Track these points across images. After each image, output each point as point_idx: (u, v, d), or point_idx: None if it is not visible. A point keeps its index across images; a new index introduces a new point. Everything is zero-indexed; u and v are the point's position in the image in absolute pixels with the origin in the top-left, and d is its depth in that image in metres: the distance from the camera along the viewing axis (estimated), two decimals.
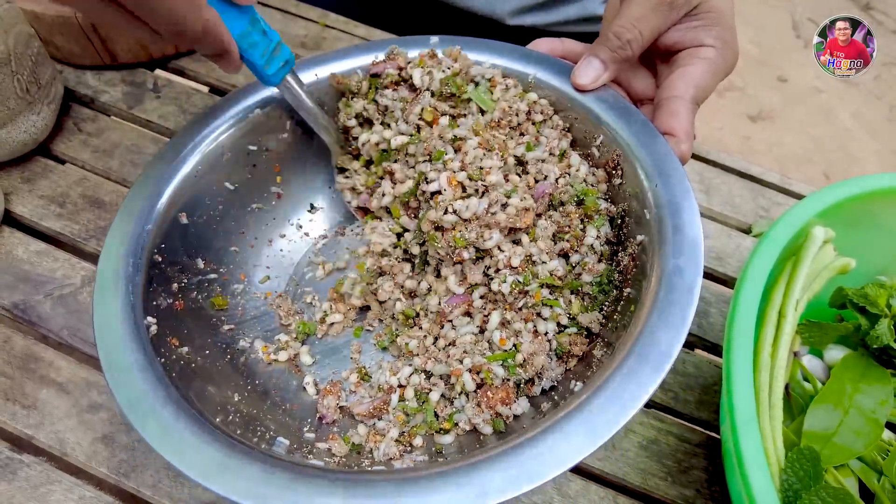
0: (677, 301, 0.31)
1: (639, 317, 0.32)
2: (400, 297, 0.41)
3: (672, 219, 0.35)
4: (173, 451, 0.28)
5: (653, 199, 0.36)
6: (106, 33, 0.55)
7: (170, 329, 0.35)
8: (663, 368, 0.29)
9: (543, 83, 0.43)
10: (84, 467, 0.38)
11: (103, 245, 0.35)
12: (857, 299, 0.43)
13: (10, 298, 0.44)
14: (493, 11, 0.64)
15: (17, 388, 0.40)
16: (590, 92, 0.42)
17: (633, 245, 0.37)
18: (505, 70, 0.44)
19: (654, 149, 0.38)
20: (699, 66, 0.41)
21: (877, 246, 0.47)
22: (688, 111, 0.40)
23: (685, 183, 0.36)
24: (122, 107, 0.56)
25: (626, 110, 0.40)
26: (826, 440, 0.38)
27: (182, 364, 0.33)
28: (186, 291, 0.38)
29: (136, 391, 0.30)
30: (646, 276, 0.34)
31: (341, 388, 0.39)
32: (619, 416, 0.28)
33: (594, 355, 0.36)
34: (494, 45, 0.45)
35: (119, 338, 0.31)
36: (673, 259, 0.33)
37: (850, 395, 0.40)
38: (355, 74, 0.45)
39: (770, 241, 0.38)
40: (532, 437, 0.28)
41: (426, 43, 0.45)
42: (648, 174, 0.37)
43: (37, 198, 0.49)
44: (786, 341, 0.39)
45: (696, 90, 0.40)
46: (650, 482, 0.40)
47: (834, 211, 0.43)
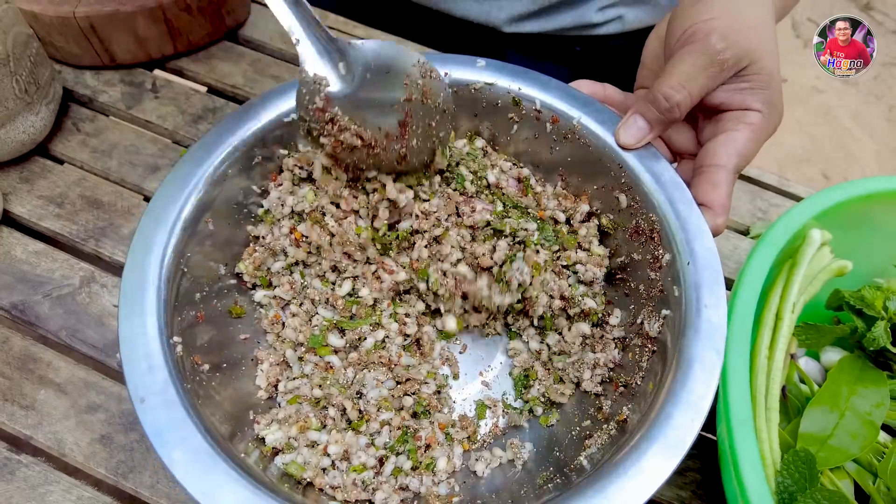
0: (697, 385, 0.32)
1: (658, 397, 0.33)
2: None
3: (698, 302, 0.35)
4: (202, 490, 0.27)
5: (683, 277, 0.36)
6: (105, 34, 0.55)
7: (192, 346, 0.34)
8: (679, 455, 0.30)
9: (587, 129, 0.42)
10: (82, 468, 0.38)
11: (129, 252, 0.34)
12: (853, 302, 0.43)
13: (9, 299, 0.44)
14: (489, 20, 0.64)
15: (15, 389, 0.40)
16: (637, 154, 0.41)
17: (657, 318, 0.38)
18: (552, 108, 0.43)
19: (690, 222, 0.38)
20: (744, 132, 0.39)
21: (874, 248, 0.47)
22: (728, 183, 0.39)
23: (717, 267, 0.36)
24: (121, 107, 0.56)
25: (660, 173, 0.40)
26: (822, 442, 0.38)
27: (205, 385, 0.33)
28: (208, 301, 0.38)
29: (164, 421, 0.29)
30: (666, 358, 0.35)
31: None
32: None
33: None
34: (542, 79, 0.44)
35: (148, 361, 0.31)
36: (698, 343, 0.33)
37: (847, 398, 0.40)
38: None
39: (767, 244, 0.38)
40: None
41: (473, 64, 0.44)
42: (682, 250, 0.37)
43: (35, 198, 0.49)
44: (782, 344, 0.39)
45: (739, 159, 0.39)
46: None
47: (831, 213, 0.43)
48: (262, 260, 0.41)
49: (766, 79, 0.40)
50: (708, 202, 0.39)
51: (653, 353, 0.37)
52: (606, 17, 0.66)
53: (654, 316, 0.38)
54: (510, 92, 0.43)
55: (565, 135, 0.43)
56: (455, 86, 0.44)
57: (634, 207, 0.40)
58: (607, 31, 0.67)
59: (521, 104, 0.44)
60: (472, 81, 0.44)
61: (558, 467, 0.36)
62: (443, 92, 0.39)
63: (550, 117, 0.43)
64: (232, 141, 0.39)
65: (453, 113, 0.41)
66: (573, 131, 0.42)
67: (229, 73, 0.59)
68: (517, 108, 0.44)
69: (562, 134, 0.43)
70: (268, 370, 0.38)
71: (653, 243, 0.39)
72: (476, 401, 0.41)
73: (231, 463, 0.28)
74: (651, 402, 0.33)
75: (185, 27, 0.58)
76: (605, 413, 0.37)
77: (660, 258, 0.38)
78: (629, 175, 0.40)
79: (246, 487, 0.28)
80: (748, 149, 0.39)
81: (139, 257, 0.34)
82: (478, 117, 0.46)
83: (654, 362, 0.36)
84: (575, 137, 0.43)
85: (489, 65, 0.44)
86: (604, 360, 0.39)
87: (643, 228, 0.40)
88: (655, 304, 0.38)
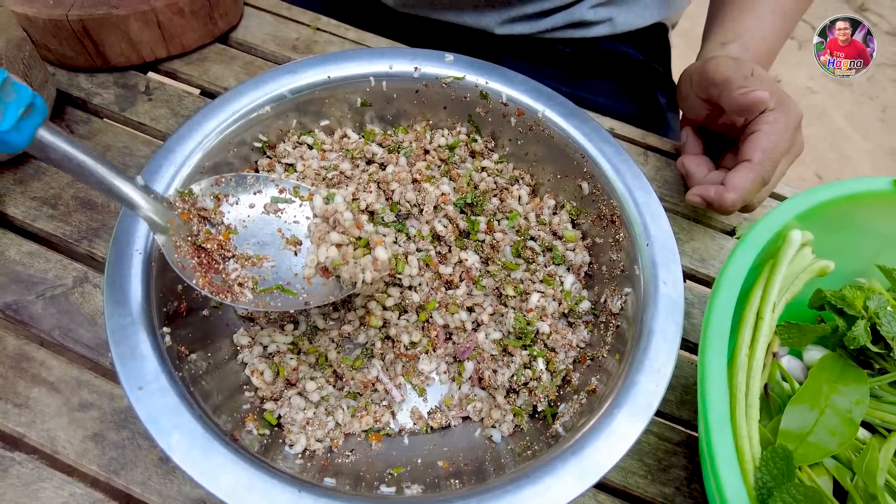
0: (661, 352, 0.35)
1: (623, 367, 0.35)
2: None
3: (656, 279, 0.37)
4: (200, 472, 0.28)
5: (642, 257, 0.39)
6: (98, 36, 0.55)
7: (178, 337, 0.35)
8: (647, 417, 0.33)
9: (551, 121, 0.45)
10: (75, 465, 0.39)
11: (110, 245, 0.36)
12: (835, 301, 0.44)
13: (3, 299, 0.44)
14: (482, 24, 0.65)
15: (9, 387, 0.41)
16: (596, 145, 0.44)
17: (620, 296, 0.40)
18: (518, 102, 0.45)
19: (647, 207, 0.40)
20: (764, 129, 0.45)
21: (856, 248, 0.48)
22: (748, 171, 0.45)
23: (672, 247, 0.39)
24: (115, 109, 0.57)
25: (625, 163, 0.43)
26: (801, 439, 0.39)
27: (196, 374, 0.34)
28: (188, 291, 0.39)
29: (159, 408, 0.30)
30: (628, 331, 0.37)
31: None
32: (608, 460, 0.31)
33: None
34: (508, 74, 0.46)
35: (138, 350, 0.32)
36: (658, 317, 0.36)
37: (827, 396, 0.41)
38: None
39: (747, 245, 0.39)
40: (531, 476, 0.30)
41: (441, 59, 0.46)
42: (640, 233, 0.40)
43: (29, 199, 0.50)
44: (762, 343, 0.39)
45: (763, 153, 0.45)
46: (630, 480, 0.41)
47: (813, 214, 0.44)
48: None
49: (771, 81, 0.47)
50: (726, 182, 0.45)
51: (616, 328, 0.39)
52: (599, 17, 0.67)
53: (617, 294, 0.39)
54: (478, 86, 0.45)
55: (530, 126, 0.45)
56: (425, 80, 0.45)
57: (596, 194, 0.42)
58: (598, 32, 0.68)
59: (488, 97, 0.45)
60: (442, 76, 0.45)
61: (535, 437, 0.37)
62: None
63: (516, 110, 0.45)
64: (204, 132, 0.41)
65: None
66: (537, 123, 0.44)
67: (222, 75, 0.60)
68: (485, 101, 0.45)
69: (527, 126, 0.45)
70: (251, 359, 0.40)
71: (614, 227, 0.41)
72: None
73: (227, 444, 0.29)
74: (618, 372, 0.34)
75: (177, 30, 0.58)
76: (575, 385, 0.38)
77: (620, 240, 0.39)
78: (591, 164, 0.42)
79: (243, 468, 0.29)
80: (770, 142, 0.45)
81: (122, 250, 0.35)
82: (447, 109, 0.47)
83: (618, 336, 0.38)
84: (539, 129, 0.45)
85: (457, 60, 0.46)
86: (576, 341, 0.41)
87: (605, 213, 0.42)
88: (618, 283, 0.40)
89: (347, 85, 0.45)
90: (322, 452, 0.36)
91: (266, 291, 0.37)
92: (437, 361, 0.42)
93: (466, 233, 0.45)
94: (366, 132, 0.48)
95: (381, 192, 0.44)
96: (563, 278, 0.44)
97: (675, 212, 0.55)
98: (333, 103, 0.46)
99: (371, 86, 0.46)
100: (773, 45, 0.56)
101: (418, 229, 0.44)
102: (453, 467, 0.36)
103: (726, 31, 0.55)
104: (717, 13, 0.59)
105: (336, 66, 0.45)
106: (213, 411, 0.32)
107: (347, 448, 0.38)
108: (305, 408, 0.38)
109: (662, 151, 0.58)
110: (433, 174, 0.46)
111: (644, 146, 0.58)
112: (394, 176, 0.44)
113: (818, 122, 1.86)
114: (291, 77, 0.44)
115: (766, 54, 0.56)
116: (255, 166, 0.45)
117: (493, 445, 0.38)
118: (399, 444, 0.39)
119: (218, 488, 0.28)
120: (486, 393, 0.42)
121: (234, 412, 0.35)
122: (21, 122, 0.27)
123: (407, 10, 0.68)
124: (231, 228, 0.38)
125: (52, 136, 0.29)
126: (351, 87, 0.45)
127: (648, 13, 0.70)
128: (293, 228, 0.40)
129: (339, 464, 0.36)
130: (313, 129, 0.47)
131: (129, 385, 0.30)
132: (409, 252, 0.43)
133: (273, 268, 0.38)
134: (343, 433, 0.38)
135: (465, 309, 0.43)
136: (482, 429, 0.40)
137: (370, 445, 0.38)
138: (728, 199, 0.44)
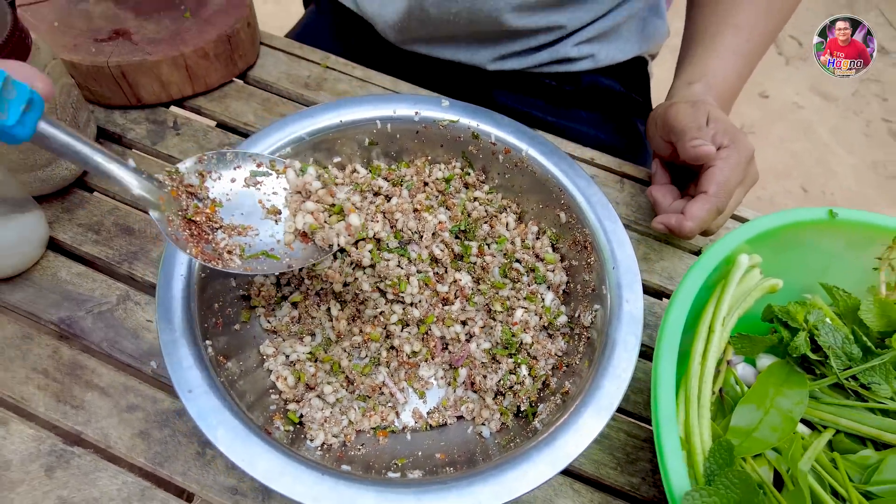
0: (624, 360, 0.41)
1: (591, 372, 0.41)
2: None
3: (620, 298, 0.44)
4: (241, 458, 0.35)
5: (609, 278, 0.45)
6: (133, 79, 0.62)
7: (217, 348, 0.42)
8: (608, 413, 0.39)
9: (533, 159, 0.51)
10: (125, 458, 0.45)
11: (159, 271, 0.42)
12: (781, 315, 0.50)
13: (57, 314, 0.51)
14: (475, 60, 0.72)
15: (66, 392, 0.47)
16: (572, 179, 0.50)
17: (591, 311, 0.46)
18: (505, 142, 0.52)
19: (614, 235, 0.47)
20: (719, 164, 0.52)
21: (804, 266, 0.54)
22: (704, 202, 0.51)
23: (635, 270, 0.45)
24: (147, 143, 0.63)
25: (594, 198, 0.49)
26: (747, 434, 0.45)
27: (232, 379, 0.40)
28: (223, 309, 0.45)
29: (206, 407, 0.36)
30: (597, 341, 0.44)
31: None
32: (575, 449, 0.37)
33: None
34: (496, 117, 0.53)
35: (186, 360, 0.38)
36: (621, 330, 0.42)
37: (772, 398, 0.47)
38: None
39: (699, 267, 0.45)
40: (511, 463, 0.37)
41: (438, 104, 0.52)
42: (608, 257, 0.46)
43: (76, 226, 0.57)
44: (713, 352, 0.46)
45: (717, 186, 0.51)
46: (602, 471, 0.48)
47: (761, 239, 0.50)
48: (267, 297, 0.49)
49: (725, 121, 0.53)
50: (685, 212, 0.51)
51: (587, 339, 0.45)
52: (582, 53, 0.74)
53: (588, 309, 0.46)
54: (470, 128, 0.52)
55: (515, 163, 0.52)
56: (425, 122, 0.52)
57: (572, 223, 0.49)
58: (581, 67, 0.75)
59: (479, 137, 0.52)
60: (439, 119, 0.52)
61: (517, 432, 0.43)
62: None
63: (503, 149, 0.51)
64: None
65: None
66: (522, 160, 0.51)
67: (241, 111, 0.67)
68: (477, 141, 0.52)
69: (513, 162, 0.52)
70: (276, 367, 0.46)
71: (586, 251, 0.48)
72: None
73: (261, 437, 0.36)
74: (587, 376, 0.40)
75: (202, 71, 0.65)
76: (552, 388, 0.45)
77: (592, 263, 0.46)
78: (567, 197, 0.49)
79: (276, 455, 0.35)
80: (724, 176, 0.51)
81: (168, 275, 0.42)
82: (443, 147, 0.54)
83: (589, 346, 0.44)
84: (523, 165, 0.51)
85: (453, 105, 0.52)
86: (554, 351, 0.47)
87: (579, 240, 0.48)
88: (589, 300, 0.47)
89: (357, 127, 0.52)
90: (337, 446, 0.43)
91: (253, 257, 0.41)
92: (435, 368, 0.49)
93: (460, 256, 0.52)
94: (373, 167, 0.55)
95: (386, 220, 0.51)
96: (543, 296, 0.50)
97: (648, 234, 0.61)
98: (345, 143, 0.53)
99: (377, 127, 0.52)
100: (735, 84, 0.63)
101: (418, 253, 0.51)
102: (448, 458, 0.43)
103: (692, 71, 0.62)
104: (685, 54, 0.66)
105: (347, 111, 0.51)
106: (247, 409, 0.38)
107: (359, 442, 0.44)
108: (323, 408, 0.45)
109: (637, 179, 0.65)
110: (432, 204, 0.52)
111: (620, 174, 0.65)
112: (397, 207, 0.51)
113: (804, 136, 1.93)
114: (309, 121, 0.50)
115: (728, 91, 0.62)
116: None
117: (482, 440, 0.45)
118: (403, 439, 0.46)
119: (256, 472, 0.34)
120: (477, 395, 0.48)
121: (264, 411, 0.42)
122: (24, 117, 0.31)
123: (407, 46, 0.75)
124: (216, 202, 0.41)
125: (51, 127, 0.33)
126: (360, 129, 0.52)
127: (629, 47, 0.77)
128: (272, 199, 0.43)
129: (352, 455, 0.42)
130: (327, 165, 0.54)
131: (180, 389, 0.37)
132: (411, 273, 0.50)
133: (257, 236, 0.42)
134: (355, 430, 0.45)
135: (460, 322, 0.49)
136: (474, 426, 0.46)
137: (378, 440, 0.45)
138: (686, 226, 0.50)
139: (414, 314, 0.48)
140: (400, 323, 0.49)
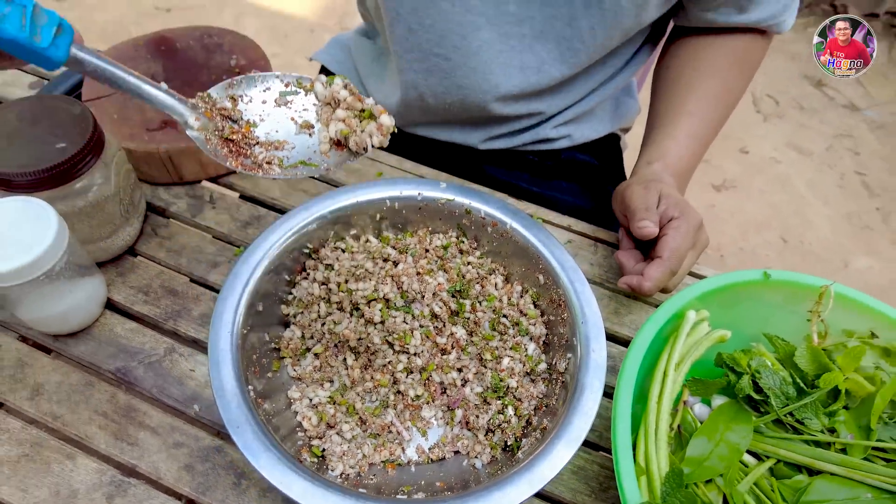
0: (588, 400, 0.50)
1: (564, 411, 0.50)
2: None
3: (588, 348, 0.53)
4: (280, 481, 0.43)
5: (579, 331, 0.55)
6: (178, 162, 0.73)
7: (255, 391, 0.51)
8: (576, 445, 0.47)
9: (516, 231, 0.62)
10: (173, 487, 0.53)
11: (210, 327, 0.51)
12: (728, 361, 0.59)
13: (114, 364, 0.60)
14: (468, 141, 0.84)
15: (123, 431, 0.56)
16: (549, 248, 0.60)
17: (565, 359, 0.56)
18: (493, 216, 0.62)
19: (583, 294, 0.57)
20: (671, 234, 0.60)
21: (748, 319, 0.63)
22: (659, 265, 0.59)
23: (600, 325, 0.55)
24: (187, 216, 0.74)
25: (565, 264, 0.59)
26: (699, 463, 0.53)
27: (268, 417, 0.49)
28: (260, 358, 0.54)
29: (250, 439, 0.45)
30: (570, 385, 0.53)
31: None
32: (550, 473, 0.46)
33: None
34: (485, 195, 0.63)
35: (234, 402, 0.47)
36: (588, 375, 0.51)
37: (723, 432, 0.55)
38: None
39: (651, 322, 0.55)
40: (497, 486, 0.45)
41: (437, 186, 0.63)
42: (578, 313, 0.56)
43: (128, 288, 0.66)
44: (668, 393, 0.55)
45: (671, 252, 0.60)
46: (579, 497, 0.55)
47: (710, 296, 0.59)
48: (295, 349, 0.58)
49: (675, 197, 0.63)
50: (644, 274, 0.60)
51: (562, 383, 0.54)
52: (560, 134, 0.86)
53: (563, 358, 0.55)
54: (464, 205, 0.62)
55: (502, 234, 0.62)
56: (426, 201, 0.63)
57: (548, 284, 0.59)
58: (559, 145, 0.87)
59: (471, 213, 0.63)
60: (438, 198, 0.62)
61: (504, 463, 0.52)
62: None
63: (491, 222, 0.62)
64: (269, 243, 0.57)
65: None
66: (507, 231, 0.62)
67: (268, 187, 0.77)
68: (469, 215, 0.63)
69: (499, 233, 0.62)
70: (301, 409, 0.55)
71: (561, 308, 0.57)
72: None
73: (294, 464, 0.44)
74: (560, 414, 0.49)
75: None
76: (534, 425, 0.53)
77: (566, 318, 0.55)
78: (544, 262, 0.59)
79: (307, 479, 0.43)
80: (675, 243, 0.61)
81: (217, 333, 0.51)
82: (441, 220, 0.64)
83: (563, 389, 0.53)
84: (508, 235, 0.62)
85: (449, 186, 0.63)
86: (536, 393, 0.56)
87: (555, 298, 0.58)
88: (564, 349, 0.56)
89: (370, 205, 0.62)
90: (354, 475, 0.51)
91: (292, 167, 0.43)
92: (435, 410, 0.57)
93: (456, 312, 0.61)
94: (382, 237, 0.65)
95: (394, 283, 0.61)
96: (526, 346, 0.59)
97: (618, 291, 0.71)
98: (359, 217, 0.63)
99: (387, 205, 0.63)
100: (690, 162, 0.74)
101: (421, 310, 0.60)
102: (447, 486, 0.51)
103: (652, 152, 0.73)
104: (647, 137, 0.77)
105: (362, 193, 0.62)
106: (281, 441, 0.47)
107: (371, 473, 0.52)
108: (342, 443, 0.53)
109: (609, 243, 0.75)
110: (432, 268, 0.62)
111: (594, 238, 0.75)
112: (403, 271, 0.61)
113: (782, 189, 2.05)
114: (331, 201, 0.61)
115: (684, 169, 0.73)
116: (304, 266, 0.62)
117: (475, 470, 0.53)
118: (408, 471, 0.54)
119: (292, 492, 0.42)
120: (471, 433, 0.57)
121: (293, 444, 0.50)
122: (56, 39, 0.32)
123: (409, 129, 0.87)
124: (251, 122, 0.43)
125: (84, 53, 0.34)
126: (372, 207, 0.63)
127: (602, 127, 0.89)
128: (304, 115, 0.45)
129: (366, 483, 0.51)
130: (345, 237, 0.64)
131: (230, 425, 0.45)
132: (414, 328, 0.59)
133: (294, 149, 0.44)
134: (368, 462, 0.53)
135: (456, 369, 0.58)
136: (468, 459, 0.55)
137: (387, 472, 0.53)
138: (645, 286, 0.60)
139: (417, 363, 0.57)
140: (405, 371, 0.58)
